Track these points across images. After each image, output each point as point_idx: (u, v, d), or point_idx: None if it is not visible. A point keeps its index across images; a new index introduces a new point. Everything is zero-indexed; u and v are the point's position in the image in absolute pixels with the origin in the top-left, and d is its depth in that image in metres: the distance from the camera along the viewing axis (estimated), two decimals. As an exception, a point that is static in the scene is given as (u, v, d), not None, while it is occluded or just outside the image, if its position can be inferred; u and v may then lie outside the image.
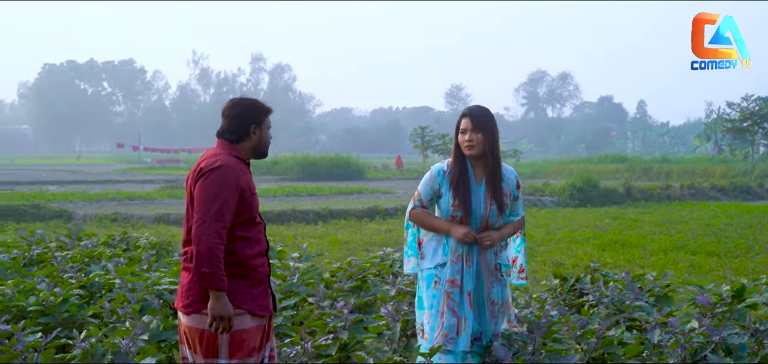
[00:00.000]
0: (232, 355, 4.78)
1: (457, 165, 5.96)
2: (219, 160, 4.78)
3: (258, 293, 4.89)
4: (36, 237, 11.99)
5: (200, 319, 4.77)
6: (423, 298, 6.02)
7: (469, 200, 5.87)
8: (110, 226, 22.21)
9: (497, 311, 5.96)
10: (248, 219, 4.86)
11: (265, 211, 25.15)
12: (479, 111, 5.98)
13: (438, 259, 5.94)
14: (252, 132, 4.97)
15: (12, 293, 7.75)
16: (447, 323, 5.83)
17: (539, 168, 60.68)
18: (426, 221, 6.00)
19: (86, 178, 50.88)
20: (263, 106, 5.07)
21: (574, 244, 18.40)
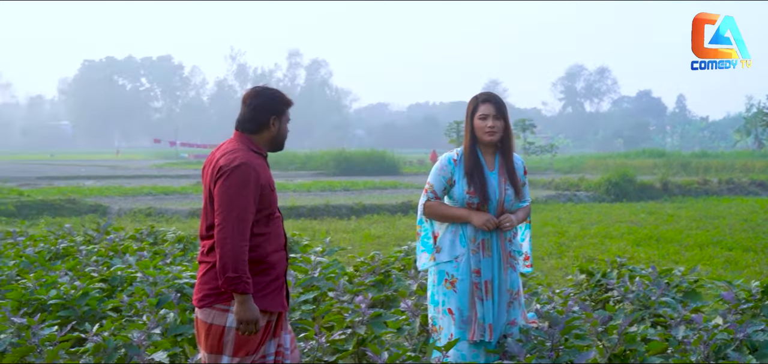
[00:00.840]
0: (236, 353, 4.73)
1: (470, 152, 5.86)
2: (238, 158, 4.69)
3: (272, 289, 4.82)
4: (63, 231, 12.02)
5: (209, 313, 4.74)
6: (434, 294, 5.94)
7: (485, 186, 5.78)
8: (144, 220, 22.33)
9: (512, 300, 5.87)
10: (267, 215, 4.81)
11: (299, 206, 25.18)
12: (499, 98, 5.92)
13: (456, 251, 5.83)
14: (271, 123, 4.87)
15: (33, 286, 7.75)
16: (480, 314, 5.74)
17: (576, 163, 60.24)
18: (443, 212, 5.89)
19: (123, 174, 51.22)
20: (284, 98, 4.98)
21: (608, 239, 18.20)
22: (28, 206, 24.50)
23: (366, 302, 6.46)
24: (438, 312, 5.90)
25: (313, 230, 20.17)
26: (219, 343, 4.72)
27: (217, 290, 4.69)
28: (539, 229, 20.12)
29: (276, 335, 4.94)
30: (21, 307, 7.47)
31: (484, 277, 5.77)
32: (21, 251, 10.28)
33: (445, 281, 5.84)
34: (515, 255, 5.95)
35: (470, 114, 5.89)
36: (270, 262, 4.79)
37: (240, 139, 4.86)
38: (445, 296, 5.84)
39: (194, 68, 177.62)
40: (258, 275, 4.72)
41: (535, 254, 15.68)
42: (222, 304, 4.70)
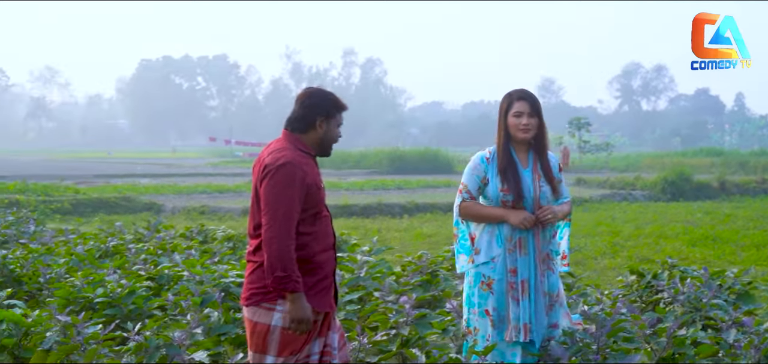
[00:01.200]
0: (280, 352, 4.73)
1: (504, 150, 5.78)
2: (283, 157, 4.69)
3: (320, 289, 4.82)
4: (114, 229, 12.11)
5: (255, 311, 4.74)
6: (470, 296, 5.86)
7: (519, 183, 5.70)
8: (198, 218, 22.45)
9: (552, 302, 5.79)
10: (314, 214, 4.79)
11: (351, 204, 25.18)
12: (533, 96, 5.84)
13: (492, 251, 5.74)
14: (318, 125, 4.85)
15: (81, 285, 7.80)
16: (514, 314, 5.66)
17: (632, 161, 59.50)
18: (479, 212, 5.82)
19: (178, 172, 51.60)
20: (336, 101, 4.94)
21: (663, 239, 17.95)
22: (83, 204, 24.81)
23: (410, 302, 6.41)
24: (474, 314, 5.83)
25: (364, 228, 20.14)
26: (264, 342, 4.72)
27: (264, 289, 4.70)
28: (593, 228, 19.93)
29: (322, 334, 4.92)
30: (68, 305, 7.53)
31: (521, 276, 5.69)
32: (71, 249, 10.37)
33: (481, 283, 5.77)
34: (553, 256, 5.86)
35: (504, 111, 5.82)
36: (317, 262, 4.79)
37: (288, 138, 4.86)
38: (482, 298, 5.77)
39: (250, 67, 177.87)
40: (305, 274, 4.71)
41: (588, 253, 15.52)
42: (268, 303, 4.71)
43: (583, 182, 37.50)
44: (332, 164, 57.98)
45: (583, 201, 28.05)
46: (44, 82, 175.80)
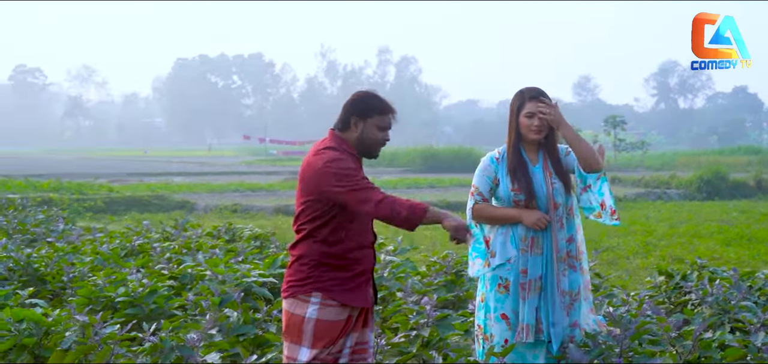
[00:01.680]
0: (315, 344, 4.78)
1: (514, 149, 5.67)
2: (327, 153, 4.80)
3: (355, 285, 4.86)
4: (141, 228, 12.11)
5: (292, 303, 4.84)
6: (488, 300, 5.74)
7: (530, 182, 5.59)
8: (230, 217, 22.47)
9: (572, 301, 5.65)
10: (352, 212, 4.80)
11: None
12: (544, 95, 5.70)
13: (508, 253, 5.62)
14: (353, 124, 4.89)
15: (103, 284, 7.78)
16: (521, 315, 5.56)
17: (668, 160, 58.96)
18: (492, 214, 5.69)
19: (212, 170, 51.79)
20: (374, 103, 4.95)
21: (697, 238, 17.73)
22: (116, 202, 24.93)
23: (431, 303, 6.31)
24: (490, 318, 5.71)
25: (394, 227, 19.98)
26: (299, 333, 4.79)
27: (300, 282, 4.81)
28: (626, 227, 19.73)
29: (356, 329, 4.95)
30: (90, 304, 7.51)
31: (530, 276, 5.57)
32: (97, 248, 10.37)
33: (498, 285, 5.65)
34: (575, 254, 5.72)
35: (516, 110, 5.70)
36: (352, 258, 4.84)
37: (332, 136, 4.94)
38: (498, 301, 5.65)
39: (285, 66, 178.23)
40: (338, 269, 4.80)
41: (620, 252, 15.36)
42: (304, 294, 4.80)
43: (617, 180, 37.22)
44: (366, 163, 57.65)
45: (617, 199, 27.77)
46: (81, 81, 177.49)
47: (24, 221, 14.38)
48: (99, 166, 54.78)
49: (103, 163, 60.21)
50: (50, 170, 44.09)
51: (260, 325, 6.49)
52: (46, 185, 29.35)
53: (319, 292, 4.76)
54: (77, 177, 37.04)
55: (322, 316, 4.75)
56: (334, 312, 4.77)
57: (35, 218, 15.07)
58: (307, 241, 4.80)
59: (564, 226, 5.67)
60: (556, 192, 5.63)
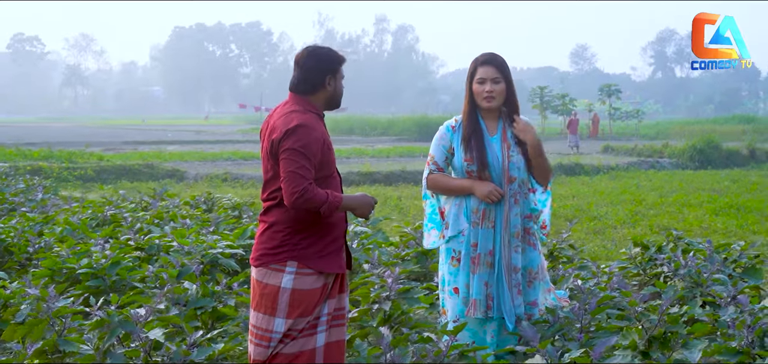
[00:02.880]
0: (290, 314, 4.65)
1: (469, 118, 5.50)
2: (294, 119, 4.59)
3: (331, 251, 4.74)
4: (117, 197, 11.94)
5: (265, 273, 4.69)
6: (443, 273, 5.60)
7: (483, 151, 5.42)
8: (220, 186, 22.36)
9: (531, 279, 5.50)
10: (325, 176, 4.70)
11: (374, 172, 25.00)
12: (500, 60, 5.55)
13: (460, 225, 5.47)
14: (327, 82, 4.75)
15: (67, 255, 7.62)
16: (472, 290, 5.41)
17: (663, 129, 58.74)
18: (445, 184, 5.54)
19: (207, 139, 51.54)
20: (338, 55, 4.83)
21: (687, 208, 17.55)
22: (106, 171, 24.73)
23: (393, 276, 6.14)
24: (445, 292, 5.59)
25: (385, 196, 19.89)
26: (272, 304, 4.65)
27: (273, 250, 4.66)
28: (616, 196, 19.59)
29: (332, 296, 4.82)
30: (53, 275, 7.35)
31: (480, 250, 5.42)
32: (68, 218, 10.20)
33: (451, 258, 5.52)
34: (533, 231, 5.56)
35: (469, 78, 5.56)
36: (326, 224, 4.70)
37: (296, 100, 4.76)
38: (451, 274, 5.52)
39: (282, 34, 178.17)
40: (314, 236, 4.66)
41: (607, 222, 15.19)
42: (277, 264, 4.65)
43: (610, 149, 37.08)
44: (361, 131, 57.75)
45: (609, 168, 27.71)
46: (79, 50, 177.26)
47: (3, 191, 14.21)
48: (95, 134, 54.56)
49: (99, 132, 59.98)
50: (46, 139, 43.87)
51: (220, 297, 6.32)
52: (36, 153, 29.18)
53: (294, 260, 4.62)
54: (72, 146, 36.84)
55: (297, 285, 4.62)
56: (310, 281, 4.64)
57: (16, 188, 14.89)
58: (280, 208, 4.65)
59: (519, 202, 5.51)
60: (513, 165, 5.46)
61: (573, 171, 26.86)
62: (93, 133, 57.93)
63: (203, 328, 6.20)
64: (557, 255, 8.68)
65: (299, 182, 4.46)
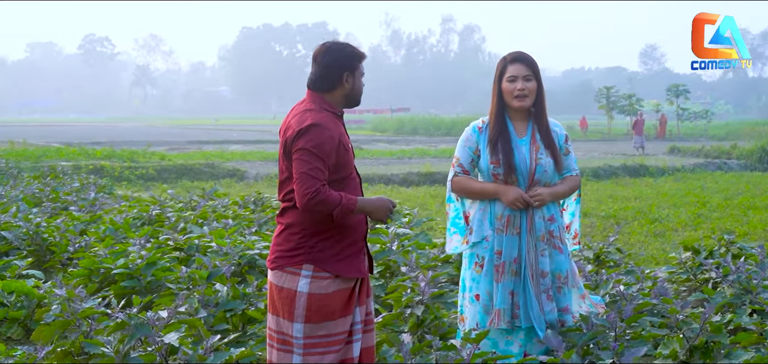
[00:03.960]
0: (309, 319, 4.47)
1: (497, 118, 5.28)
2: (309, 118, 4.45)
3: (349, 255, 4.55)
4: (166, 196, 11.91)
5: (281, 276, 4.53)
6: (464, 279, 5.39)
7: (510, 154, 5.18)
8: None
9: (560, 285, 5.26)
10: (343, 177, 4.53)
11: (434, 172, 24.82)
12: (530, 57, 5.33)
13: (484, 230, 5.26)
14: (345, 80, 4.60)
15: (104, 255, 7.56)
16: (497, 300, 5.19)
17: (733, 129, 57.47)
18: (470, 187, 5.32)
19: (271, 139, 51.68)
20: (357, 52, 4.68)
21: (752, 210, 17.03)
22: (167, 171, 24.89)
23: (426, 280, 5.95)
24: (465, 299, 5.38)
25: (440, 197, 19.69)
26: (290, 308, 4.49)
27: (289, 252, 4.51)
28: (680, 199, 19.13)
29: (361, 302, 4.67)
30: (91, 275, 7.30)
31: (505, 258, 5.19)
32: (112, 218, 10.18)
33: (475, 264, 5.31)
34: (559, 235, 5.31)
35: (498, 77, 5.33)
36: (345, 226, 4.52)
37: (312, 98, 4.62)
38: (474, 281, 5.31)
39: (349, 34, 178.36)
40: (330, 238, 4.49)
41: (669, 224, 14.79)
42: (293, 266, 4.49)
43: (677, 150, 36.38)
44: (425, 132, 57.48)
45: (674, 170, 27.16)
46: (149, 51, 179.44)
47: (57, 189, 14.31)
48: (163, 134, 55.13)
49: (167, 132, 60.61)
50: (114, 138, 44.42)
51: (251, 299, 6.19)
52: (99, 152, 29.48)
53: (311, 263, 4.46)
54: (138, 145, 37.24)
55: (314, 289, 4.45)
56: (327, 284, 4.48)
57: (71, 187, 14.98)
58: (295, 209, 4.49)
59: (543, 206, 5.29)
60: (540, 169, 5.23)
61: (637, 172, 26.36)
62: (161, 132, 58.56)
63: (233, 330, 6.07)
64: (604, 259, 8.40)
65: (311, 184, 4.30)
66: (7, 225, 9.12)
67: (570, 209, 5.52)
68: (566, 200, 5.48)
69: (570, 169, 5.41)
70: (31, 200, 12.43)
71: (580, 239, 5.55)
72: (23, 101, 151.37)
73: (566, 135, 5.47)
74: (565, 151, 5.40)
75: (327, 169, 4.38)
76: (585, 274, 6.58)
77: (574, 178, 5.41)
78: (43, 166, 22.78)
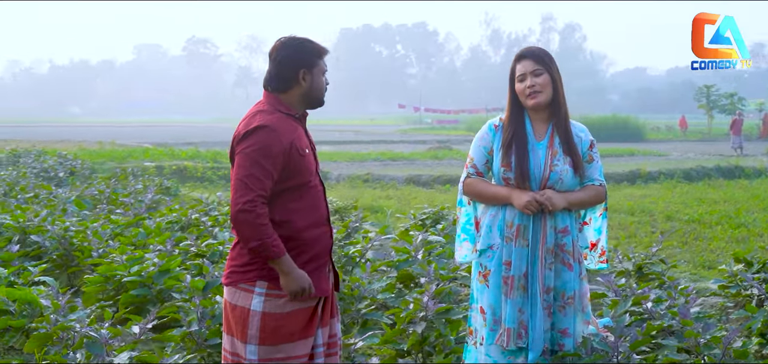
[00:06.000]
0: (263, 340, 4.10)
1: (511, 121, 4.83)
2: (257, 120, 4.08)
3: (309, 271, 4.15)
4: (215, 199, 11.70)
5: (234, 293, 4.16)
6: (472, 290, 4.94)
7: (524, 158, 4.72)
8: (361, 187, 22.06)
9: (564, 304, 4.77)
10: (299, 185, 4.15)
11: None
12: (538, 50, 4.88)
13: (492, 239, 4.81)
14: (301, 78, 4.20)
15: (121, 262, 7.33)
16: (505, 317, 4.73)
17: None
18: (482, 191, 4.87)
19: (363, 139, 51.61)
20: (317, 47, 4.27)
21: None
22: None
23: (429, 294, 5.52)
24: (472, 310, 4.93)
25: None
26: (243, 328, 4.13)
27: (243, 268, 4.14)
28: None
29: (324, 323, 4.30)
30: (106, 283, 7.09)
31: (514, 271, 4.72)
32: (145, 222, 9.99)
33: (479, 274, 4.86)
34: (571, 250, 4.82)
35: (511, 78, 4.87)
36: (303, 240, 4.15)
37: (267, 99, 4.25)
38: (479, 292, 4.87)
39: (448, 34, 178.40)
40: (289, 253, 4.07)
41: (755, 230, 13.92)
42: (246, 283, 4.13)
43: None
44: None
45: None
46: (250, 52, 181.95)
47: (117, 191, 14.26)
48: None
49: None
50: (211, 139, 44.83)
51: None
52: (183, 153, 29.66)
53: (265, 280, 4.08)
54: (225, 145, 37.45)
55: (269, 308, 4.08)
56: (283, 303, 4.09)
57: (134, 188, 14.91)
58: None
59: (553, 214, 4.78)
60: (554, 176, 4.76)
61: (731, 174, 25.28)
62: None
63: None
64: (646, 272, 7.78)
65: (244, 193, 3.95)
66: (38, 229, 9.00)
67: (594, 224, 5.02)
68: (589, 213, 4.99)
69: (592, 178, 4.93)
70: (83, 203, 12.34)
71: (608, 257, 5.04)
72: (130, 102, 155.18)
73: (592, 141, 5.00)
74: (588, 159, 4.92)
75: (270, 178, 4.01)
76: (614, 289, 6.03)
77: (597, 189, 4.92)
78: (123, 167, 22.97)
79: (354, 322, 6.07)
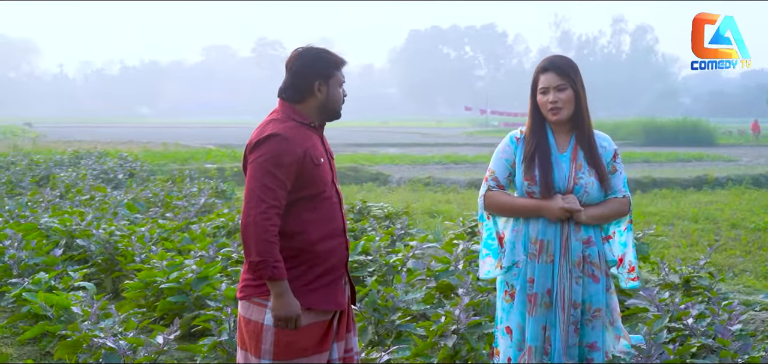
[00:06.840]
0: (277, 355, 4.03)
1: (533, 132, 4.66)
2: (269, 129, 4.03)
3: (323, 284, 4.09)
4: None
5: (248, 307, 4.09)
6: (497, 309, 4.77)
7: (549, 172, 4.54)
8: (421, 190, 21.93)
9: (591, 317, 4.58)
10: (313, 195, 4.07)
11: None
12: (563, 62, 4.65)
13: (516, 255, 4.63)
14: (317, 89, 4.14)
15: (161, 267, 7.31)
16: (529, 335, 4.58)
17: None
18: (506, 203, 4.67)
19: (429, 142, 51.40)
20: (333, 58, 4.22)
21: None
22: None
23: (461, 306, 5.38)
24: (498, 331, 4.76)
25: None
26: (257, 343, 4.06)
27: (257, 281, 4.05)
28: None
29: (340, 337, 4.21)
30: (145, 288, 7.07)
31: (537, 288, 4.55)
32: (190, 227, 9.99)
33: (505, 292, 4.69)
34: (597, 261, 4.63)
35: (532, 88, 4.70)
36: (317, 252, 4.07)
37: (281, 108, 4.18)
38: (504, 311, 4.70)
39: (517, 36, 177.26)
40: (302, 265, 4.03)
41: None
42: (260, 297, 4.06)
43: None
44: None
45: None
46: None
47: (171, 194, 14.30)
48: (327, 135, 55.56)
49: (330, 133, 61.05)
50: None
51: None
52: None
53: None
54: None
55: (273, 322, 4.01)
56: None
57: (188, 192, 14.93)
58: None
59: (579, 227, 4.60)
60: (579, 189, 4.58)
61: (798, 183, 24.65)
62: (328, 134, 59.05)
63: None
64: (694, 285, 7.52)
65: (257, 204, 3.87)
66: (83, 233, 9.03)
67: (620, 238, 4.78)
68: (612, 226, 4.79)
69: (616, 190, 4.73)
70: (135, 206, 12.39)
71: (638, 274, 4.84)
72: (199, 104, 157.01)
73: (616, 151, 4.80)
74: (612, 170, 4.73)
75: (283, 188, 3.93)
76: (656, 303, 5.83)
77: (621, 201, 4.71)
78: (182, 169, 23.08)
79: (388, 333, 5.97)
